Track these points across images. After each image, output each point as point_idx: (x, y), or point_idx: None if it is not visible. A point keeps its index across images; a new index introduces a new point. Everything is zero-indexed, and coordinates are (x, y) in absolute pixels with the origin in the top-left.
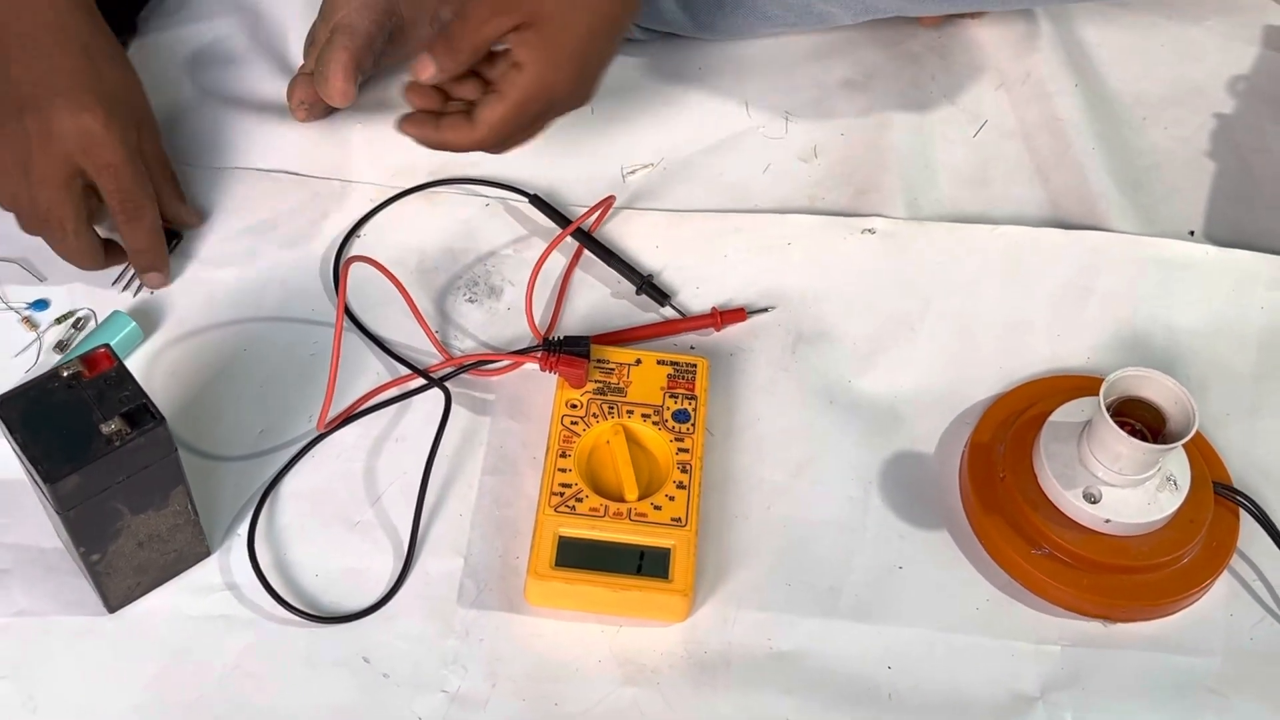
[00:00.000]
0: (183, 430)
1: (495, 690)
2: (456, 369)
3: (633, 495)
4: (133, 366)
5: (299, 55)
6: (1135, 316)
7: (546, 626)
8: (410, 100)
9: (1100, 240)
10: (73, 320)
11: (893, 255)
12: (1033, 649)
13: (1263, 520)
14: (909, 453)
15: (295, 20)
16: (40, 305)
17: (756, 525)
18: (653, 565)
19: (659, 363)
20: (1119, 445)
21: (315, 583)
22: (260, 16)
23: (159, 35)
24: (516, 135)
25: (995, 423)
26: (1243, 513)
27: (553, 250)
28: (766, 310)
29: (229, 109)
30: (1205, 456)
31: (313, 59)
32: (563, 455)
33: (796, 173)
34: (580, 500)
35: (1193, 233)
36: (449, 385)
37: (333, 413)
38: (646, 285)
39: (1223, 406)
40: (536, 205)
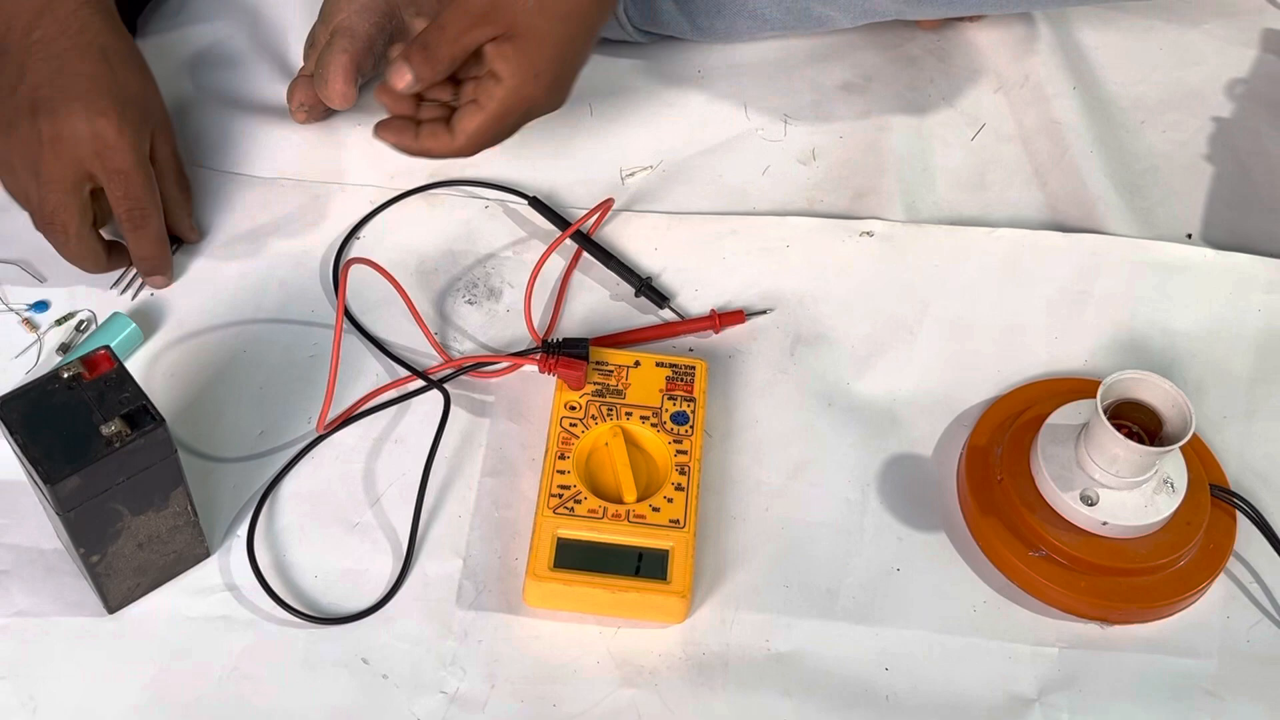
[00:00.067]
0: (182, 431)
1: (494, 691)
2: (456, 371)
3: (631, 497)
4: (133, 368)
5: (299, 58)
6: (1133, 319)
7: (545, 628)
8: (382, 103)
9: (1098, 243)
10: (75, 322)
11: (891, 258)
12: (1030, 651)
13: (1259, 523)
14: (907, 455)
15: (295, 23)
16: (41, 307)
17: (755, 527)
18: (651, 567)
19: (658, 365)
20: (1116, 448)
21: (314, 584)
22: (260, 19)
23: (159, 37)
24: (494, 142)
25: (993, 425)
26: (1240, 515)
27: (552, 252)
28: (765, 312)
29: (229, 111)
30: (1202, 459)
31: (313, 61)
32: (561, 457)
33: (795, 175)
34: (579, 502)
35: (1190, 236)
36: (448, 387)
37: (332, 414)
38: (645, 287)
39: (1220, 409)
40: (536, 207)
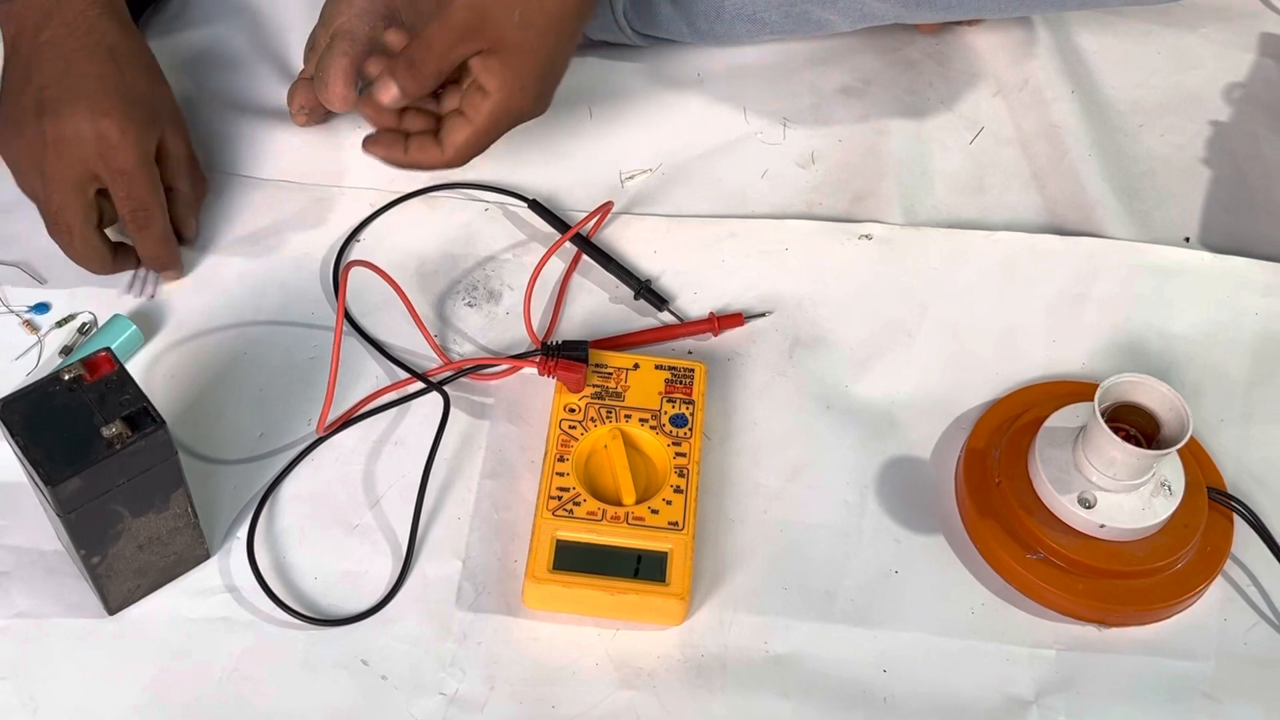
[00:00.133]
0: (183, 433)
1: (493, 693)
2: (455, 373)
3: (630, 499)
4: (133, 370)
5: (299, 60)
6: (1130, 322)
7: (544, 629)
8: (365, 116)
9: (1096, 246)
10: (77, 324)
11: (889, 261)
12: (1027, 653)
13: (1257, 525)
14: (905, 458)
15: (295, 26)
16: (41, 308)
17: (753, 529)
18: (650, 569)
19: (657, 367)
20: (1114, 451)
21: (314, 585)
22: (260, 22)
23: (160, 40)
24: (481, 152)
25: (991, 428)
26: (1237, 518)
27: (551, 255)
28: (764, 315)
29: (229, 113)
30: (1200, 462)
31: (313, 65)
32: (561, 459)
33: (794, 178)
34: (578, 504)
35: (1188, 239)
36: (448, 389)
37: (332, 416)
38: (644, 290)
39: (1217, 412)
40: (535, 210)
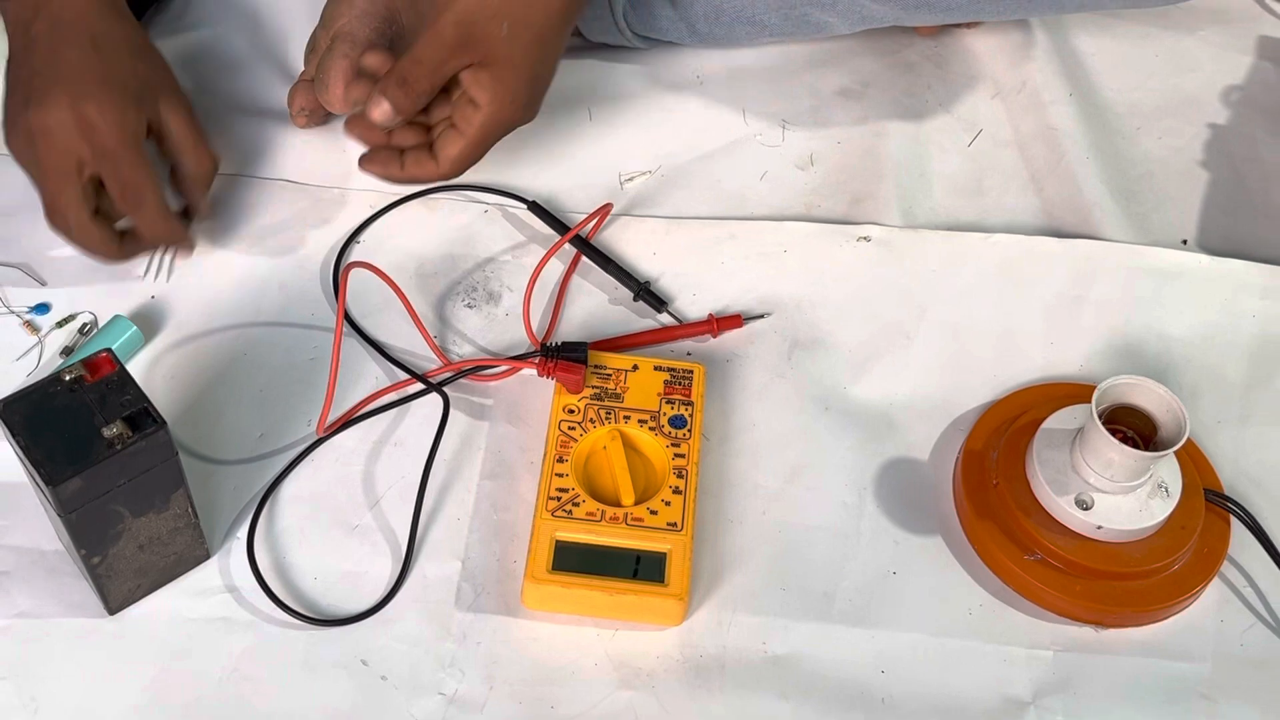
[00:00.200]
0: (183, 434)
1: (492, 693)
2: (455, 374)
3: (629, 500)
4: (134, 370)
5: (299, 62)
6: (1128, 325)
7: (543, 630)
8: (356, 137)
9: (1094, 249)
10: (77, 325)
11: (888, 263)
12: (1025, 654)
13: (1253, 527)
14: (903, 459)
15: (296, 27)
16: (42, 309)
17: (752, 530)
18: (649, 569)
19: (656, 369)
20: (1111, 452)
21: (314, 586)
22: (261, 24)
23: (161, 41)
24: (475, 163)
25: (989, 430)
26: (1233, 520)
27: (551, 256)
28: (762, 317)
29: (230, 115)
30: (1197, 464)
31: (313, 66)
32: (560, 460)
33: (793, 180)
34: (577, 505)
35: (1185, 242)
36: (447, 390)
37: (332, 417)
38: (643, 292)
39: (1214, 414)
40: (535, 212)
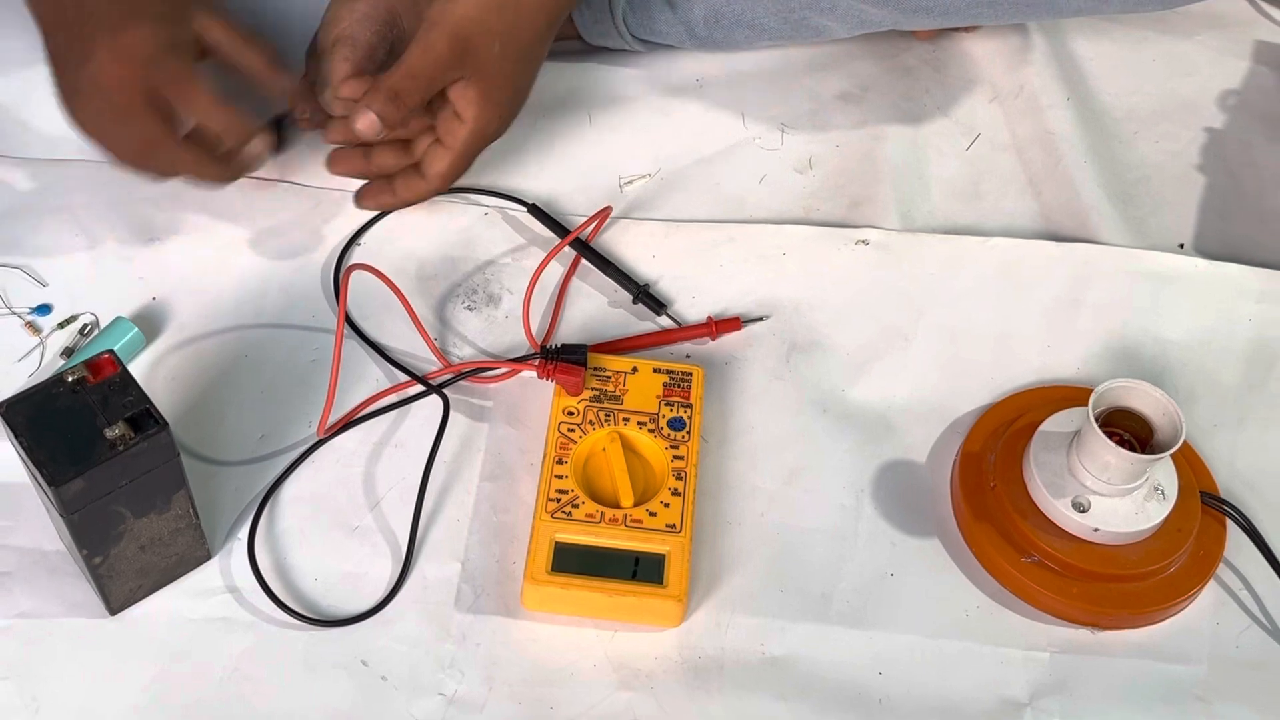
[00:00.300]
0: (184, 435)
1: (492, 694)
2: (455, 376)
3: (628, 502)
4: (135, 372)
5: (300, 65)
6: (1125, 328)
7: (542, 631)
8: (336, 170)
9: (1091, 253)
10: (79, 326)
11: (886, 266)
12: (1022, 655)
13: (1249, 530)
14: (901, 461)
15: (297, 30)
16: (43, 310)
17: (750, 532)
18: (648, 571)
19: (655, 371)
20: (1107, 455)
21: (314, 586)
22: (262, 26)
23: None
24: (461, 176)
25: (986, 432)
26: (1229, 522)
27: (551, 259)
28: (761, 319)
29: None
30: (1193, 467)
31: (314, 69)
32: (559, 462)
33: (792, 184)
34: (576, 506)
35: (1182, 246)
36: (447, 392)
37: (333, 418)
38: (643, 294)
39: (1210, 417)
40: (535, 215)
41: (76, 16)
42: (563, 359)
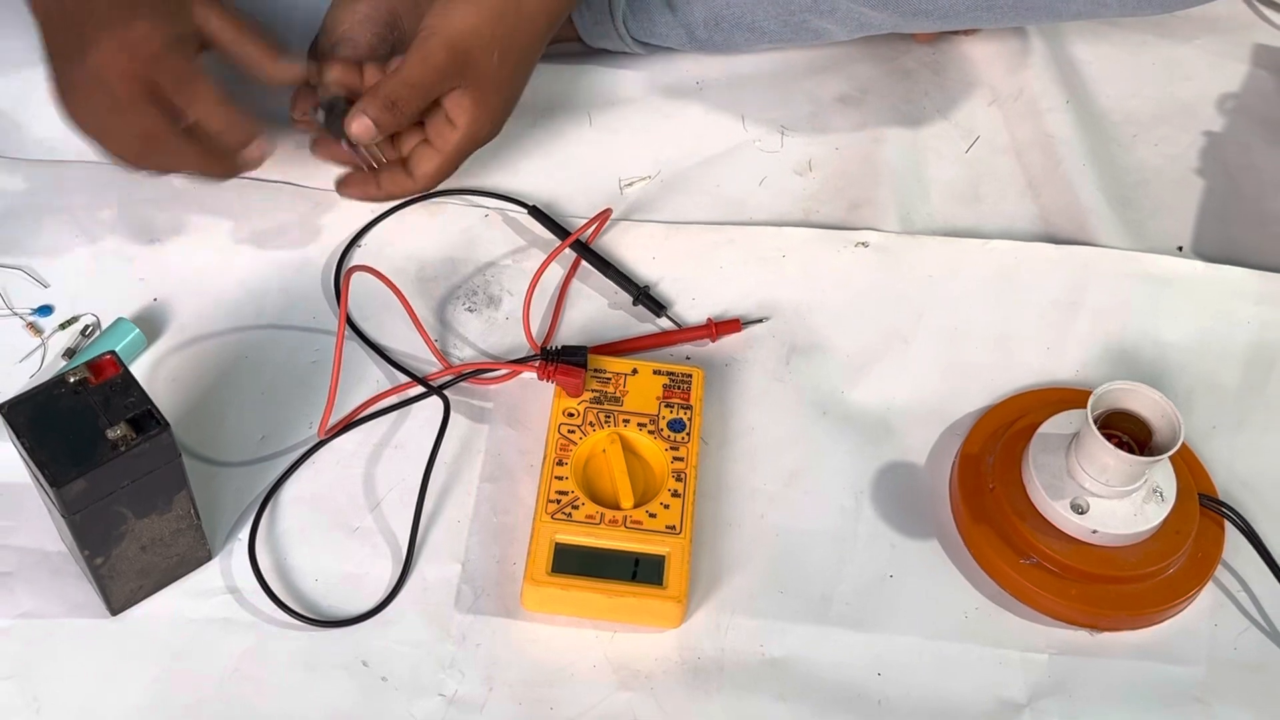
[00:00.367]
0: (186, 436)
1: (492, 694)
2: (455, 377)
3: (628, 503)
4: (136, 373)
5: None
6: (1124, 331)
7: (542, 632)
8: (322, 157)
9: (1090, 255)
10: (80, 327)
11: (886, 268)
12: (1020, 657)
13: (1247, 532)
14: (900, 463)
15: (298, 31)
16: (44, 311)
17: (750, 533)
18: (647, 572)
19: (655, 373)
20: (1106, 457)
21: (315, 587)
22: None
23: None
24: (447, 178)
25: (985, 434)
26: (1228, 525)
27: (551, 261)
28: (761, 321)
29: None
30: (1191, 469)
31: (316, 71)
32: (559, 463)
33: (791, 186)
34: (576, 508)
35: (1181, 248)
36: (448, 393)
37: (333, 419)
38: (643, 296)
39: (1209, 420)
40: (535, 216)
41: (77, 11)
42: (563, 360)
